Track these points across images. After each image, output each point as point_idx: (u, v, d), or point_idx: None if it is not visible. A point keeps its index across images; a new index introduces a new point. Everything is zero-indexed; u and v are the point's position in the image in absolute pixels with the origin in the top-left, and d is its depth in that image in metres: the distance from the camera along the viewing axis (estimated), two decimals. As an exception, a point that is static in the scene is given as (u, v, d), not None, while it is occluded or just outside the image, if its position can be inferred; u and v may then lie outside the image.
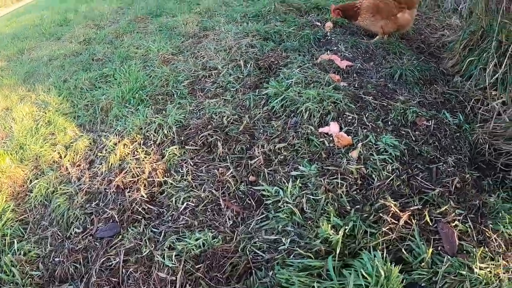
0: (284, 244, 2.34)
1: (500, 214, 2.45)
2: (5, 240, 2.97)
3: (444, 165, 2.84)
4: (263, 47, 4.66)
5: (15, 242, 2.93)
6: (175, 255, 2.41)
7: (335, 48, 4.57)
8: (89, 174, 3.43)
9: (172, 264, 2.36)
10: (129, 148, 3.52)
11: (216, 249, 2.38)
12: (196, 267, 2.32)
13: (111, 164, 3.41)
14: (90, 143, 3.88)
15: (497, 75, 3.70)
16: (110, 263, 2.57)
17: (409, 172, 2.76)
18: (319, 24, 5.36)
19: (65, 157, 3.80)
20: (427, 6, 6.66)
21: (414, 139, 3.12)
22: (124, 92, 4.39)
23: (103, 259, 2.60)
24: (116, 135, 3.73)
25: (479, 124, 3.44)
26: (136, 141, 3.57)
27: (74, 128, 4.24)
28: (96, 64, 5.71)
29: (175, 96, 4.14)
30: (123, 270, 2.48)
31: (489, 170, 3.05)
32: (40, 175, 3.66)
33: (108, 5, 9.59)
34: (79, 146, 3.83)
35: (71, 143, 3.96)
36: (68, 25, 8.85)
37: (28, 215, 3.29)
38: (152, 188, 3.06)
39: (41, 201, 3.38)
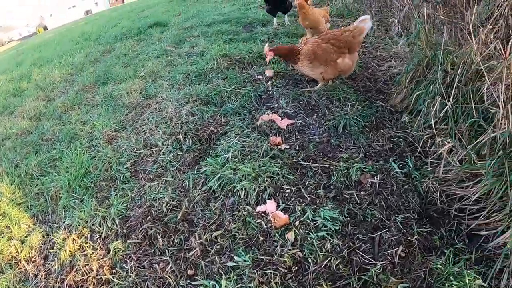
0: None
1: (448, 282, 2.44)
2: None
3: (388, 232, 2.83)
4: (203, 114, 4.72)
5: None
6: None
7: (276, 105, 4.62)
8: (44, 271, 3.51)
9: None
10: (77, 243, 3.58)
11: None
12: None
13: (63, 260, 3.47)
14: (43, 236, 3.93)
15: (446, 107, 3.63)
16: None
17: (350, 246, 2.75)
18: (260, 77, 5.43)
19: (21, 252, 3.86)
20: (374, 34, 6.74)
21: (358, 202, 3.12)
22: (70, 179, 4.42)
23: None
24: (65, 229, 3.78)
25: (430, 168, 3.43)
26: (83, 235, 3.62)
27: (27, 219, 4.29)
28: (45, 144, 5.77)
29: (118, 181, 4.16)
30: None
31: (443, 219, 3.04)
32: (0, 272, 3.75)
33: (59, 71, 9.76)
34: (33, 241, 3.89)
35: (26, 237, 4.04)
36: (21, 96, 9.03)
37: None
38: (101, 286, 3.12)
39: (3, 302, 3.46)
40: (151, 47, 8.83)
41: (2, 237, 4.12)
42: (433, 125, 3.67)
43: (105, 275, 3.16)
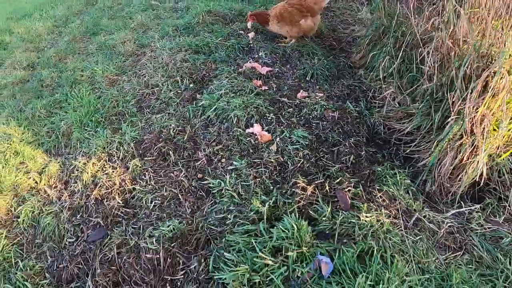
0: (230, 219, 3.32)
1: (385, 179, 3.58)
2: (9, 262, 3.55)
3: (343, 147, 3.94)
4: (195, 61, 5.54)
5: (19, 261, 3.51)
6: (155, 240, 3.25)
7: (256, 55, 5.59)
8: (68, 193, 4.04)
9: (154, 246, 3.21)
10: (97, 166, 4.17)
11: (183, 230, 3.28)
12: (172, 245, 3.21)
13: (85, 181, 4.04)
14: (61, 166, 4.43)
15: (393, 66, 4.66)
16: (107, 257, 3.33)
17: (316, 156, 3.85)
18: (242, 32, 6.31)
19: (40, 181, 4.32)
20: (343, 1, 7.74)
21: (322, 128, 4.19)
22: (81, 116, 5.00)
23: (101, 256, 3.34)
24: (84, 156, 4.34)
25: (377, 109, 4.53)
26: (102, 159, 4.23)
27: (41, 154, 4.75)
28: (47, 90, 6.22)
29: (126, 115, 4.84)
30: (119, 260, 3.26)
31: (386, 145, 4.16)
32: (22, 201, 4.13)
33: (43, 24, 9.76)
34: (51, 170, 4.37)
35: (43, 168, 4.48)
36: (6, 49, 8.98)
37: (21, 238, 3.79)
38: (125, 195, 3.82)
39: (29, 223, 3.89)
40: (136, 1, 9.22)
41: (19, 172, 4.47)
42: (382, 78, 4.76)
43: (128, 186, 3.84)
